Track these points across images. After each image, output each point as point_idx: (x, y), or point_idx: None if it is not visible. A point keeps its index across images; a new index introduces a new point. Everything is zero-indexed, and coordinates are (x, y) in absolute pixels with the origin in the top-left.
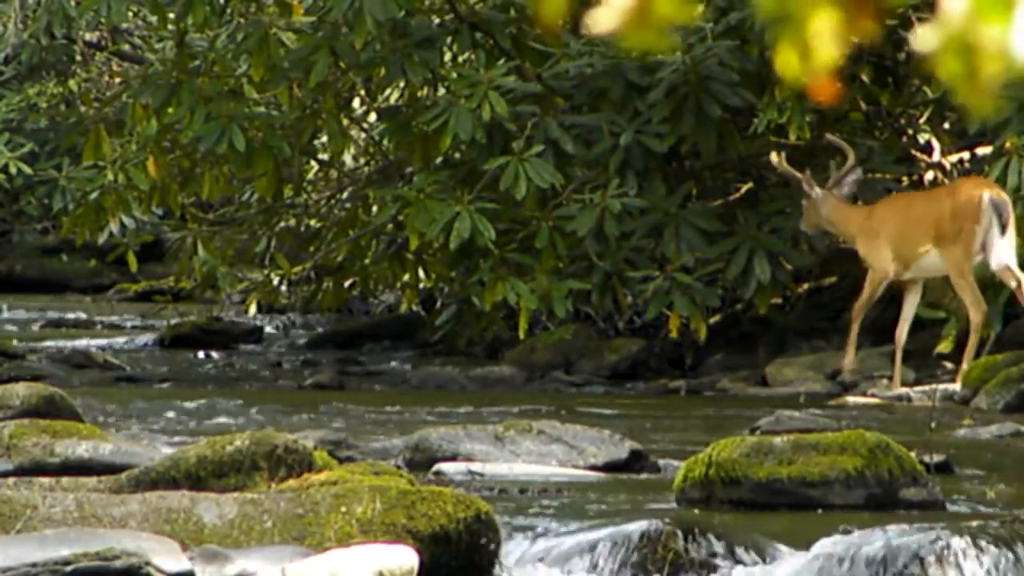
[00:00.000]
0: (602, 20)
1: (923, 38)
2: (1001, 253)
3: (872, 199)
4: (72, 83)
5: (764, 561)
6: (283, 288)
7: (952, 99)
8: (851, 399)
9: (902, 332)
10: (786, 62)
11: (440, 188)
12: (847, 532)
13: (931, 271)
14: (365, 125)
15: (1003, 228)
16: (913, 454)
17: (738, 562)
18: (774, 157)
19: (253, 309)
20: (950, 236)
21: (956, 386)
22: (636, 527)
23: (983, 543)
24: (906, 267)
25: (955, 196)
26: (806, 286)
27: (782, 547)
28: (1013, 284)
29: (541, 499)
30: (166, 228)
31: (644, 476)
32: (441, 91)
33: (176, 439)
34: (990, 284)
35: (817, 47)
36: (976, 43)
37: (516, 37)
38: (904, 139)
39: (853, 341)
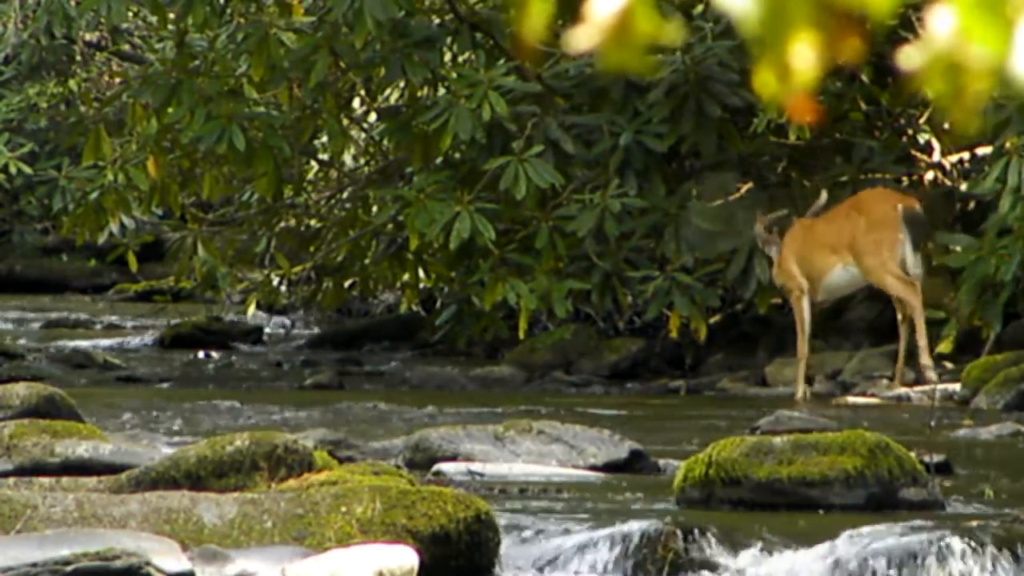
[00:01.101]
0: (582, 38)
1: (908, 56)
2: (911, 267)
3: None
4: (72, 83)
5: (764, 561)
6: (283, 288)
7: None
8: (851, 399)
9: (803, 347)
10: (764, 82)
11: (440, 188)
12: (847, 532)
13: (841, 286)
14: (365, 125)
15: (915, 244)
16: (913, 454)
17: (738, 562)
18: (758, 226)
19: (251, 309)
20: (867, 248)
21: (932, 381)
22: (636, 527)
23: (983, 543)
24: (815, 290)
25: (868, 210)
26: None
27: (782, 547)
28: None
29: (541, 499)
30: (166, 228)
31: (644, 476)
32: (441, 91)
33: (176, 439)
34: (989, 284)
35: (796, 67)
36: (962, 62)
37: (516, 37)
38: (904, 139)
39: (802, 376)
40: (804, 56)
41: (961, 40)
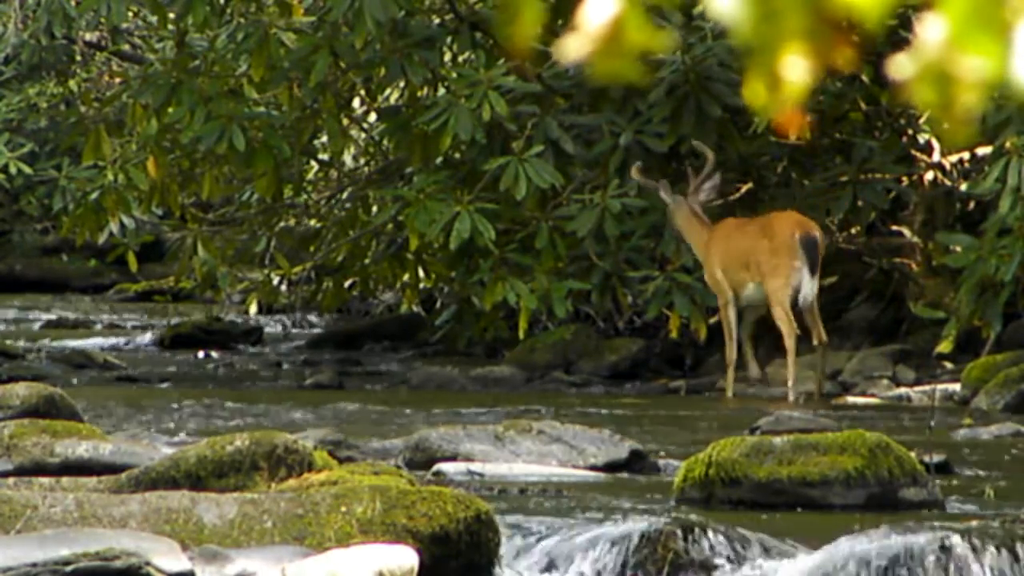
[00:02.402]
0: (573, 48)
1: (899, 65)
2: (807, 291)
3: (875, 200)
4: (72, 83)
5: (764, 561)
6: (283, 288)
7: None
8: (851, 399)
9: (732, 353)
10: (753, 92)
11: (440, 188)
12: (847, 532)
13: (756, 302)
14: (365, 125)
15: (812, 268)
16: (913, 454)
17: (738, 562)
18: (634, 171)
19: (253, 309)
20: (768, 271)
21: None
22: (636, 527)
23: (983, 543)
24: (737, 296)
25: (772, 233)
26: None
27: (782, 547)
28: (809, 324)
29: (541, 499)
30: (166, 228)
31: (644, 476)
32: (441, 91)
33: (176, 439)
34: (989, 284)
35: (786, 78)
36: (952, 72)
37: (509, 40)
38: (904, 139)
39: (751, 356)
40: (795, 67)
41: (952, 50)
